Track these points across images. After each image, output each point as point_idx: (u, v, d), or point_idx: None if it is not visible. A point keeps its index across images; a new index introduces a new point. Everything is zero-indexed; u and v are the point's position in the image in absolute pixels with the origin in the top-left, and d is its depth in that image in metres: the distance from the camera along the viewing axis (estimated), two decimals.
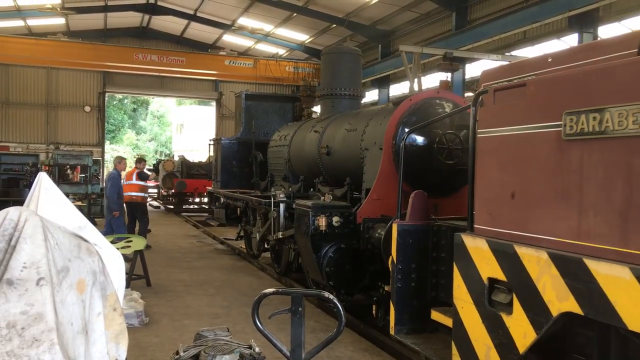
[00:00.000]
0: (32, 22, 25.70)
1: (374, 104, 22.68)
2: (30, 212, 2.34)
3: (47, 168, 17.51)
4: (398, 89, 22.81)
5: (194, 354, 3.26)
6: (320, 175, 9.12)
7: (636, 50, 3.02)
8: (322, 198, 7.93)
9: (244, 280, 9.58)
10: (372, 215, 6.74)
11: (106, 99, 32.11)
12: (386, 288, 5.80)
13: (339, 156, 8.36)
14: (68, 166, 18.67)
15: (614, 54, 3.13)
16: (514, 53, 15.45)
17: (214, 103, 34.03)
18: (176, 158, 28.81)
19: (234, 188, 12.66)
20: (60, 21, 25.94)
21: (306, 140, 9.70)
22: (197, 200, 25.34)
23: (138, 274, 8.73)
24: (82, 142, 29.46)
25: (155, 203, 28.07)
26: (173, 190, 24.29)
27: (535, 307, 3.33)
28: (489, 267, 3.72)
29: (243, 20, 25.01)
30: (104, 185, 11.53)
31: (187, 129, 50.25)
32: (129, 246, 8.60)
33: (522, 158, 3.57)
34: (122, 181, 12.13)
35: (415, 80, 11.18)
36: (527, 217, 3.50)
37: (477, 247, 3.84)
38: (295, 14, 22.56)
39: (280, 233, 8.71)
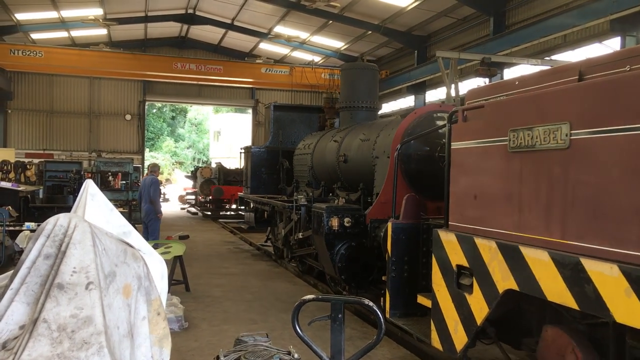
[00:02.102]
0: (76, 33, 26.50)
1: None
2: (79, 218, 2.42)
3: (89, 175, 17.98)
4: (435, 95, 22.63)
5: (235, 358, 3.30)
6: (339, 181, 9.78)
7: (577, 77, 3.63)
8: (336, 201, 9.00)
9: (280, 286, 9.63)
10: (379, 216, 7.30)
11: (146, 107, 32.85)
12: (383, 278, 6.41)
13: (354, 164, 9.01)
14: (110, 173, 19.14)
15: (562, 80, 3.75)
16: (554, 57, 15.17)
17: (250, 110, 34.41)
18: (213, 165, 29.20)
19: (263, 193, 13.38)
20: (102, 32, 26.68)
21: (327, 149, 10.35)
22: (233, 206, 25.64)
23: (177, 279, 8.87)
24: (123, 150, 30.19)
25: (193, 209, 28.49)
26: (210, 197, 24.62)
27: (487, 286, 4.12)
28: (457, 256, 4.54)
29: (279, 29, 25.26)
30: (145, 190, 11.89)
31: (224, 136, 50.88)
32: (169, 252, 8.75)
33: (481, 166, 4.39)
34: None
35: (453, 85, 11.07)
36: (484, 214, 4.30)
37: (449, 240, 4.66)
38: (331, 22, 22.66)
39: (301, 234, 9.61)
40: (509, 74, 16.32)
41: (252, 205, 13.78)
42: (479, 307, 4.21)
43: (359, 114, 10.63)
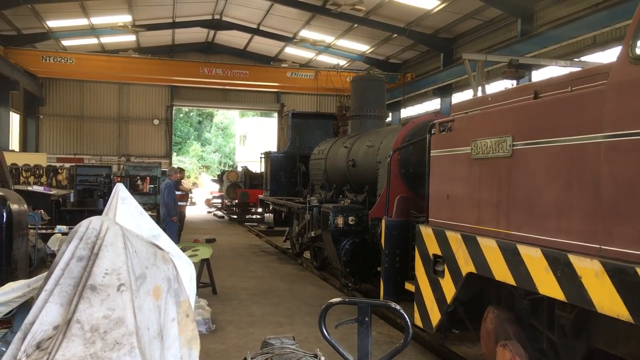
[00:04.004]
0: (105, 39, 26.99)
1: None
2: (111, 221, 2.47)
3: (118, 179, 18.26)
4: (461, 98, 22.42)
5: None
6: (348, 184, 10.58)
7: (533, 96, 4.24)
8: (342, 202, 9.97)
9: (306, 289, 9.65)
10: (380, 215, 7.67)
11: (173, 112, 33.28)
12: (378, 269, 7.22)
13: (361, 168, 9.79)
14: (138, 177, 19.42)
15: (522, 97, 4.38)
16: (583, 59, 14.91)
17: (275, 114, 34.58)
18: (239, 169, 29.39)
19: (282, 196, 14.33)
20: (131, 38, 27.13)
21: (338, 155, 11.19)
22: (259, 210, 25.72)
23: (204, 282, 8.95)
24: (151, 154, 30.62)
25: (219, 213, 28.71)
26: (236, 201, 24.78)
27: (454, 271, 4.91)
28: (433, 247, 5.34)
29: (305, 33, 25.35)
30: (161, 194, 12.23)
31: (250, 140, 51.15)
32: (196, 255, 8.83)
33: (452, 171, 5.19)
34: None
35: (479, 88, 10.97)
36: (454, 211, 5.10)
37: (427, 233, 5.46)
38: (356, 25, 22.66)
39: (313, 232, 10.53)
40: (537, 75, 16.11)
41: (271, 207, 14.77)
42: (449, 289, 5.03)
43: (367, 122, 11.45)
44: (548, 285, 3.67)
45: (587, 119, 3.47)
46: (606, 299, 3.17)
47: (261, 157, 16.90)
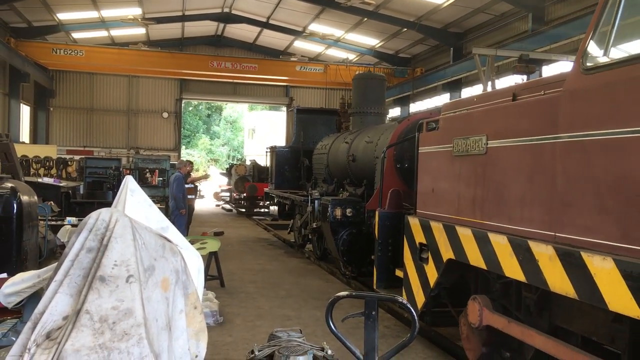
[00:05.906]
0: (115, 32, 27.08)
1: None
2: (120, 213, 2.49)
3: (127, 172, 18.35)
4: (471, 93, 22.34)
5: (268, 353, 3.34)
6: (348, 178, 11.01)
7: (511, 98, 4.60)
8: (341, 195, 10.60)
9: (313, 283, 9.67)
10: (375, 207, 7.93)
11: (182, 105, 33.36)
12: (372, 257, 7.61)
13: (361, 162, 10.20)
14: (147, 170, 19.51)
15: (502, 99, 4.78)
16: None
17: (284, 108, 34.58)
18: (248, 162, 29.42)
19: (286, 189, 14.70)
20: (140, 31, 27.19)
21: (339, 150, 11.58)
22: (267, 203, 25.75)
23: (212, 274, 8.99)
24: (160, 147, 30.74)
25: (227, 206, 28.79)
26: (245, 194, 24.82)
27: (437, 257, 5.39)
28: (419, 236, 5.80)
29: (314, 27, 25.30)
30: (170, 187, 12.34)
31: (259, 133, 51.05)
32: (204, 247, 8.86)
33: (436, 167, 5.68)
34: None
35: (489, 83, 10.91)
36: (438, 203, 5.57)
37: (415, 224, 5.92)
38: (365, 19, 22.60)
39: (314, 224, 11.05)
40: (548, 71, 15.98)
41: (275, 200, 15.39)
42: (432, 274, 5.52)
43: (367, 119, 11.87)
44: (512, 268, 4.13)
45: (546, 122, 3.92)
46: (557, 279, 3.62)
47: (267, 151, 17.31)
